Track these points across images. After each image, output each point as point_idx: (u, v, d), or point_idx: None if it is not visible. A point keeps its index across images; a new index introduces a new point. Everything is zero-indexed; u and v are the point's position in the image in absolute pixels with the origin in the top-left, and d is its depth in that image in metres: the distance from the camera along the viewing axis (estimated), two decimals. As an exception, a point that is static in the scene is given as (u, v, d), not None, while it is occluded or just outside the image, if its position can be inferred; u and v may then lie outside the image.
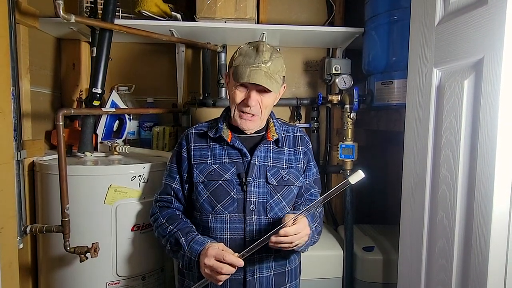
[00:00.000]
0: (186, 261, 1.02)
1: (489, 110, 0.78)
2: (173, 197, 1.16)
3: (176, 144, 1.21)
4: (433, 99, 0.99)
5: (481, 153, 0.80)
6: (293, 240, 0.94)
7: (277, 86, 1.06)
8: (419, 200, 1.05)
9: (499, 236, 0.77)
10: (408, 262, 1.12)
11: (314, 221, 1.09)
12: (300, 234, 0.96)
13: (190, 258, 1.00)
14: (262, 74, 1.02)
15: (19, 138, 1.24)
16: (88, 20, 1.35)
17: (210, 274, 0.95)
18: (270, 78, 1.03)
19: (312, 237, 1.06)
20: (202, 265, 0.96)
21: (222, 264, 0.93)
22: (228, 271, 0.93)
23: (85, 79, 1.80)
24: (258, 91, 1.06)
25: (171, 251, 1.08)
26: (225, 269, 0.92)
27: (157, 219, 1.14)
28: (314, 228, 1.07)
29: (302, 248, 1.04)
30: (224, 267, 0.92)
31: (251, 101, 1.05)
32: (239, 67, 1.04)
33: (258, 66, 1.02)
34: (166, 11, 1.61)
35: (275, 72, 1.05)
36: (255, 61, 1.03)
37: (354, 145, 1.57)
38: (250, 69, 1.02)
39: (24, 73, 1.40)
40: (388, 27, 1.47)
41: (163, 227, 1.10)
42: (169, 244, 1.08)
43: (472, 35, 0.83)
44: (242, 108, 1.08)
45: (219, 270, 0.92)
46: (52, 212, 1.31)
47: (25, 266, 1.39)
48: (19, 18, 1.29)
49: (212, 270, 0.94)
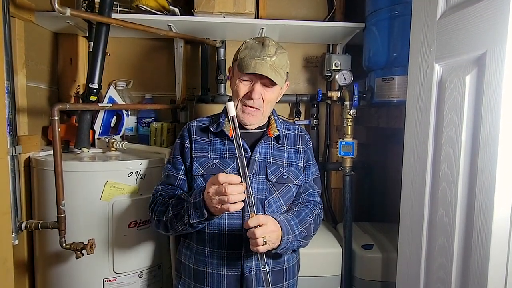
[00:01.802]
0: (192, 209, 0.95)
1: (491, 106, 0.77)
2: (178, 187, 1.12)
3: (178, 137, 1.20)
4: (434, 95, 0.97)
5: (483, 150, 0.79)
6: (260, 232, 0.90)
7: (282, 80, 1.06)
8: (419, 197, 1.03)
9: (501, 235, 0.76)
10: (407, 260, 1.10)
11: (301, 225, 1.05)
12: (263, 228, 0.91)
13: (195, 202, 0.94)
14: (268, 66, 1.02)
15: (14, 133, 1.22)
16: (84, 13, 1.33)
17: (219, 201, 0.88)
18: (275, 71, 1.03)
19: (296, 240, 1.02)
20: (207, 199, 0.91)
21: (223, 185, 0.86)
22: (233, 190, 0.86)
23: (83, 74, 1.78)
24: (262, 85, 1.06)
25: (174, 217, 1.01)
26: (229, 189, 0.86)
27: (156, 200, 1.10)
28: (299, 232, 1.03)
29: (282, 249, 0.99)
30: (227, 187, 0.86)
31: (254, 93, 1.05)
32: (244, 59, 1.05)
33: (264, 59, 1.03)
34: (164, 6, 1.59)
35: (280, 67, 1.05)
36: (261, 54, 1.04)
37: (353, 142, 1.55)
38: (256, 61, 1.03)
39: (19, 67, 1.38)
40: (389, 22, 1.45)
41: (164, 203, 1.06)
42: (171, 209, 1.02)
43: (475, 29, 0.82)
44: (245, 101, 1.08)
45: (223, 191, 0.86)
46: (48, 208, 1.30)
47: (22, 263, 1.38)
48: (14, 12, 1.27)
49: (217, 194, 0.88)
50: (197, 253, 1.09)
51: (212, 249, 1.06)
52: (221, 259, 1.06)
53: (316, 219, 1.14)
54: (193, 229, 1.01)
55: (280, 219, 0.99)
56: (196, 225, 0.98)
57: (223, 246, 1.06)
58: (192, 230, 1.02)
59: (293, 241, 1.01)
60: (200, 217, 0.94)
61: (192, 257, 1.10)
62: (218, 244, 1.06)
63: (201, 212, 0.93)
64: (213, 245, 1.06)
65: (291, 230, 1.01)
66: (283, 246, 0.98)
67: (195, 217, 0.95)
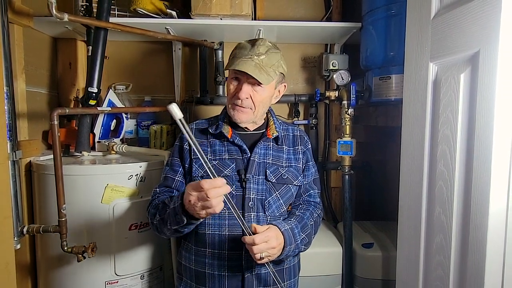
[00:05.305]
0: (172, 215, 0.94)
1: (485, 104, 0.77)
2: (175, 189, 1.13)
3: (177, 139, 1.21)
4: (429, 94, 0.97)
5: (478, 148, 0.79)
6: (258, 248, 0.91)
7: (267, 78, 1.03)
8: (417, 195, 1.03)
9: (497, 232, 0.76)
10: (406, 258, 1.11)
11: (303, 232, 1.07)
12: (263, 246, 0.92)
13: (174, 208, 0.94)
14: (252, 64, 1.02)
15: (14, 138, 1.23)
16: (82, 18, 1.34)
17: (202, 207, 0.85)
18: (260, 69, 1.02)
19: (297, 248, 1.04)
20: (189, 207, 0.88)
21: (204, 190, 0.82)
22: (216, 193, 0.82)
23: (82, 78, 1.79)
24: (250, 84, 1.06)
25: (161, 221, 1.01)
26: (211, 193, 0.81)
27: (152, 203, 1.12)
28: (301, 240, 1.05)
29: (282, 257, 1.02)
30: (209, 191, 0.81)
31: (241, 93, 1.05)
32: (233, 58, 1.06)
33: (251, 57, 1.03)
34: (161, 9, 1.60)
35: (269, 65, 1.04)
36: (249, 53, 1.04)
37: (352, 141, 1.56)
38: (242, 60, 1.03)
39: (19, 73, 1.39)
40: (385, 22, 1.46)
41: (156, 205, 1.07)
42: (158, 213, 1.02)
43: (468, 28, 0.82)
44: (234, 100, 1.08)
45: (205, 196, 0.81)
46: (50, 212, 1.31)
47: (24, 267, 1.40)
48: (13, 18, 1.28)
49: (199, 200, 0.84)
50: (197, 254, 1.10)
51: (213, 250, 1.07)
52: (222, 260, 1.06)
53: (317, 220, 1.16)
54: (179, 233, 1.01)
55: (284, 229, 1.00)
56: (181, 229, 0.98)
57: (223, 247, 1.06)
58: (179, 234, 1.02)
59: (294, 249, 1.03)
60: (180, 223, 0.93)
61: (192, 259, 1.11)
62: (219, 245, 1.07)
63: (180, 218, 0.92)
64: (213, 246, 1.07)
65: (294, 240, 1.02)
66: (285, 255, 1.00)
67: (175, 223, 0.95)
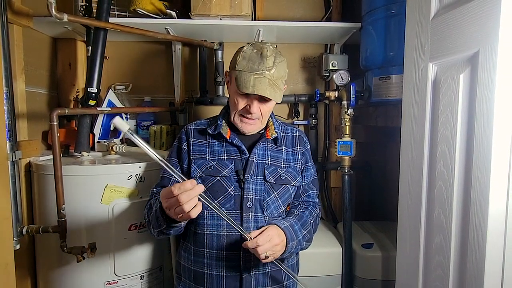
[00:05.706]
0: (154, 217, 0.97)
1: (485, 105, 0.77)
2: None
3: (176, 139, 1.21)
4: (429, 94, 0.97)
5: (477, 148, 0.79)
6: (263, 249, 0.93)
7: (280, 94, 1.05)
8: (416, 196, 1.03)
9: (496, 232, 0.76)
10: (406, 258, 1.11)
11: (304, 229, 1.08)
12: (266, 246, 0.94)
13: (155, 211, 0.95)
14: (266, 82, 1.00)
15: (14, 139, 1.23)
16: (81, 18, 1.34)
17: (176, 213, 0.85)
18: (273, 86, 1.02)
19: (299, 244, 1.06)
20: (168, 213, 0.89)
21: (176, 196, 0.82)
22: (187, 197, 0.81)
23: (82, 78, 1.80)
24: (260, 99, 1.06)
25: (149, 222, 1.04)
26: (182, 198, 0.81)
27: (148, 203, 1.13)
28: (302, 236, 1.06)
29: (286, 255, 1.02)
30: (179, 197, 0.81)
31: (253, 108, 1.05)
32: (242, 73, 1.02)
33: (262, 73, 1.01)
34: (161, 9, 1.60)
35: (279, 78, 1.04)
36: (259, 68, 1.01)
37: (352, 142, 1.56)
38: (254, 77, 1.00)
39: (19, 73, 1.39)
40: (385, 22, 1.45)
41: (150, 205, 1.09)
42: (146, 215, 1.07)
43: (467, 28, 0.82)
44: (244, 114, 1.09)
45: (178, 203, 0.81)
46: (49, 212, 1.31)
47: (23, 267, 1.39)
48: (12, 18, 1.28)
49: (171, 207, 0.84)
50: (195, 255, 1.10)
51: (211, 250, 1.07)
52: (220, 260, 1.06)
53: (316, 220, 1.17)
54: (166, 235, 1.03)
55: (284, 226, 1.01)
56: (166, 231, 0.99)
57: (221, 247, 1.06)
58: (166, 236, 1.04)
59: (297, 245, 1.04)
60: (161, 226, 0.96)
61: (190, 259, 1.11)
62: (217, 245, 1.07)
63: (161, 222, 0.95)
64: (211, 246, 1.07)
65: (295, 236, 1.03)
66: (288, 251, 1.01)
67: (157, 226, 0.98)
